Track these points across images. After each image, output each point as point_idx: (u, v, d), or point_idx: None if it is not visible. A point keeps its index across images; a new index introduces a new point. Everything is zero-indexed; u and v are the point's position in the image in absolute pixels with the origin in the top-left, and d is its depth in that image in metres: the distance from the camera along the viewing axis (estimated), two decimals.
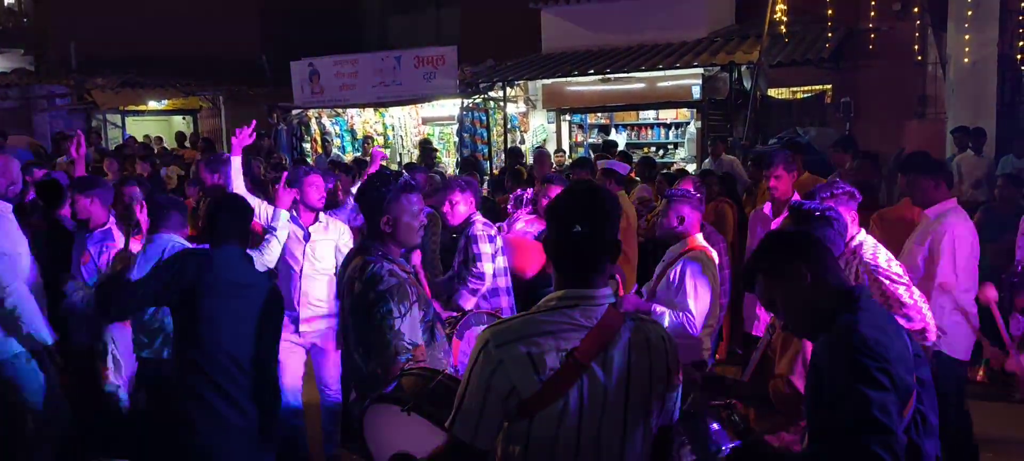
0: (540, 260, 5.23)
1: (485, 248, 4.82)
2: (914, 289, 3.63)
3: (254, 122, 5.46)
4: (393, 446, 2.48)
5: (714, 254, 4.28)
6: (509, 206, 6.64)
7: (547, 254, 2.15)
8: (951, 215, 4.31)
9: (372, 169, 5.15)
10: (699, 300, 3.98)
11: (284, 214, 4.76)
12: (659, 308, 4.03)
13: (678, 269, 4.07)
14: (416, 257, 3.89)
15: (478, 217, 5.00)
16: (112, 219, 4.92)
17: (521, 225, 5.76)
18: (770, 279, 2.31)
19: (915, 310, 3.56)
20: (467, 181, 5.07)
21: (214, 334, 3.39)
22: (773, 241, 2.41)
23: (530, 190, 6.55)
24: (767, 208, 5.29)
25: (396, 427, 2.43)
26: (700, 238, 4.23)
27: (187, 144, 15.31)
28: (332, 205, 5.69)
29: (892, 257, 3.73)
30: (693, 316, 3.96)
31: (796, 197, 4.88)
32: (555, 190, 5.42)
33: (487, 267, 4.81)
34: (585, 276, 2.07)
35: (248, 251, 3.78)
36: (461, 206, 4.94)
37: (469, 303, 4.77)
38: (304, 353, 4.84)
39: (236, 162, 5.20)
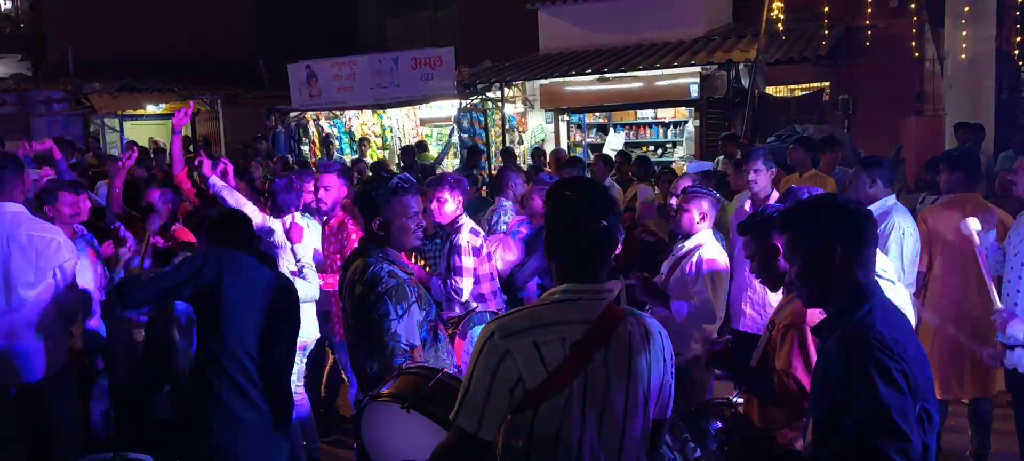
0: (510, 258, 5.29)
1: (467, 262, 4.60)
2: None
3: (191, 104, 5.45)
4: (391, 445, 2.49)
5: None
6: None
7: (553, 248, 2.12)
8: (894, 212, 4.42)
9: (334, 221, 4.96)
10: (718, 291, 4.19)
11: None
12: (677, 301, 4.20)
13: (694, 262, 4.25)
14: (417, 270, 3.86)
15: (466, 223, 4.76)
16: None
17: (512, 223, 5.72)
18: (801, 237, 2.21)
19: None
20: (457, 179, 4.90)
21: (235, 332, 3.41)
22: (826, 203, 2.32)
23: None
24: (747, 205, 5.25)
25: (394, 426, 2.44)
26: (711, 234, 4.40)
27: (191, 148, 15.30)
28: None
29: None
30: (711, 303, 4.17)
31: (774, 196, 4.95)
32: (535, 191, 5.42)
33: (465, 283, 4.58)
34: (591, 270, 2.08)
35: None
36: (449, 204, 4.72)
37: (454, 311, 4.63)
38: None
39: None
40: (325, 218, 4.93)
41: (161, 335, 4.62)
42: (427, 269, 5.27)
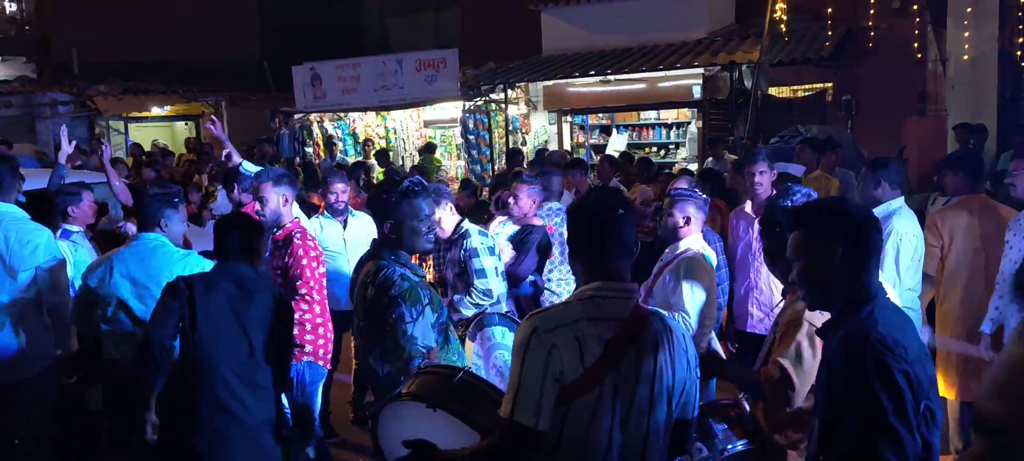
0: (506, 259, 5.25)
1: (488, 264, 4.53)
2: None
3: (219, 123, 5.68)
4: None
5: (713, 254, 4.30)
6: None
7: (582, 247, 2.21)
8: (896, 215, 4.38)
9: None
10: (695, 300, 4.01)
11: None
12: (656, 305, 4.07)
13: (675, 269, 4.11)
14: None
15: (472, 227, 4.68)
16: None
17: (494, 225, 5.72)
18: (805, 237, 2.24)
19: None
20: (437, 190, 4.68)
21: (211, 347, 3.42)
22: (830, 205, 2.34)
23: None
24: (748, 206, 5.24)
25: (416, 426, 2.45)
26: (700, 238, 4.24)
27: (192, 150, 15.35)
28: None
29: None
30: (688, 316, 4.00)
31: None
32: (523, 189, 5.37)
33: (493, 284, 4.50)
34: (619, 270, 2.16)
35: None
36: (445, 221, 4.61)
37: (469, 312, 4.56)
38: None
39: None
40: (273, 230, 4.65)
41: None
42: (431, 273, 5.28)
